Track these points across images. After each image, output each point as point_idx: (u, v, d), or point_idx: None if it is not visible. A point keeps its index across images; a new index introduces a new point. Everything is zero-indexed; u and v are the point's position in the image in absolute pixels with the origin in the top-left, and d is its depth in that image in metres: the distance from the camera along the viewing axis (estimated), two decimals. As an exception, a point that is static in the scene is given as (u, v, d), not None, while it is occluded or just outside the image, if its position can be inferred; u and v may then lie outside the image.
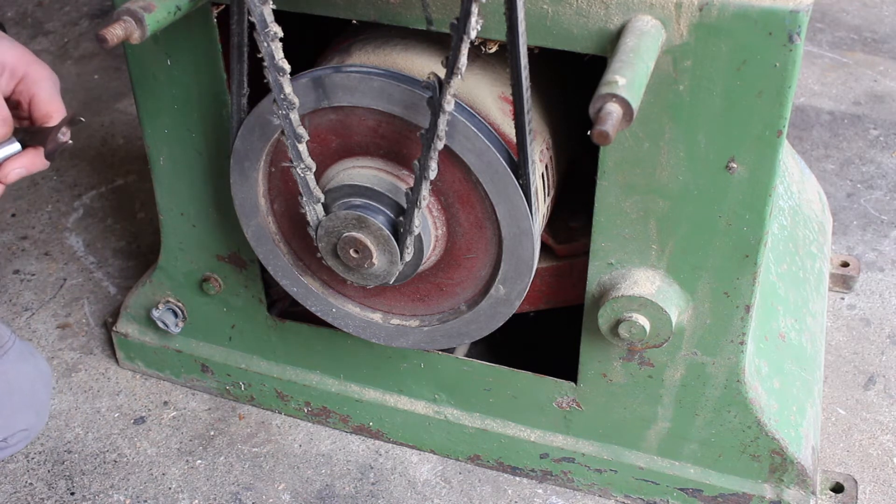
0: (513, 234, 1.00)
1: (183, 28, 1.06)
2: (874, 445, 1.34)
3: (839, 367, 1.46)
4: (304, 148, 0.99)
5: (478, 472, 1.32)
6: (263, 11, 0.89)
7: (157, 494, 1.30)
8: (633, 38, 0.84)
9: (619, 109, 0.75)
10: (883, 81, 2.14)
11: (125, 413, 1.41)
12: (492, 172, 0.96)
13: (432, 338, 1.13)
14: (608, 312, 1.05)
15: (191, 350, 1.40)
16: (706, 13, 0.85)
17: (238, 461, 1.34)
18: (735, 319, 1.06)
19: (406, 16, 0.95)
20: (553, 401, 1.22)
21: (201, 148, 1.17)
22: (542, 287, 1.17)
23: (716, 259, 1.01)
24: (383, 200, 1.00)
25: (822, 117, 2.03)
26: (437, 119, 0.90)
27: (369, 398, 1.32)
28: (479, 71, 1.02)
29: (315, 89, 0.98)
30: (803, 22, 0.83)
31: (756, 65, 0.87)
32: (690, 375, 1.12)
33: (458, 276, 1.08)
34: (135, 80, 1.15)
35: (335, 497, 1.29)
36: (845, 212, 1.76)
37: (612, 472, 1.24)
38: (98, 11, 2.49)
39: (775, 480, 1.17)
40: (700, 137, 0.93)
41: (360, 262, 1.03)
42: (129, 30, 0.89)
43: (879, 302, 1.58)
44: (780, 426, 1.15)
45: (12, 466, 1.33)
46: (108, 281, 1.65)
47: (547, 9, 0.89)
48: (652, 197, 0.99)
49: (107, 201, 1.84)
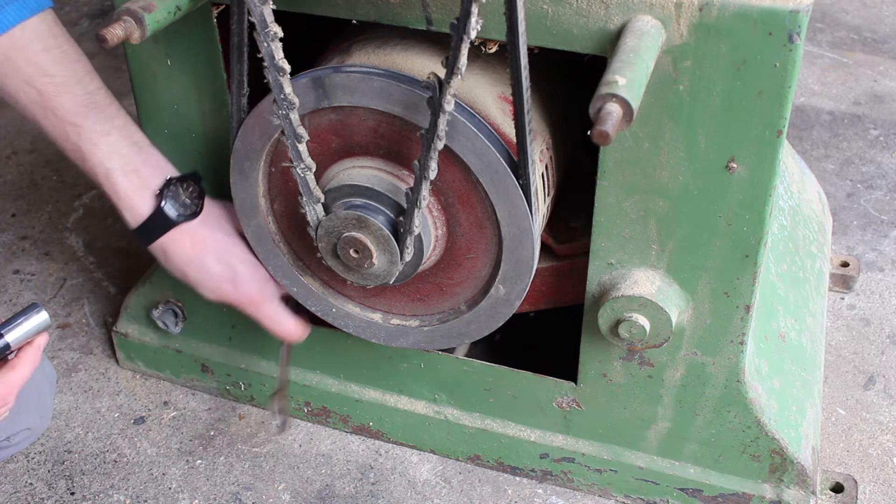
0: (513, 234, 1.00)
1: (183, 28, 1.06)
2: (874, 445, 1.34)
3: (839, 367, 1.46)
4: (304, 148, 0.99)
5: (478, 472, 1.31)
6: (263, 11, 0.89)
7: (157, 494, 1.30)
8: (633, 38, 0.84)
9: (619, 109, 0.75)
10: (883, 81, 2.14)
11: (125, 413, 1.41)
12: (492, 172, 0.96)
13: (432, 338, 1.13)
14: (608, 312, 1.05)
15: (191, 350, 1.40)
16: (706, 13, 0.85)
17: (238, 461, 1.34)
18: (735, 319, 1.06)
19: (406, 16, 0.95)
20: (553, 401, 1.22)
21: (201, 148, 1.17)
22: (542, 287, 1.17)
23: (716, 259, 1.01)
24: (383, 200, 1.00)
25: (822, 117, 2.03)
26: (437, 119, 0.90)
27: (369, 398, 1.32)
28: (479, 71, 1.02)
29: (315, 89, 0.98)
30: (803, 22, 0.83)
31: (756, 65, 0.87)
32: (690, 375, 1.12)
33: (458, 276, 1.08)
34: (135, 80, 1.15)
35: (335, 497, 1.29)
36: (845, 212, 1.76)
37: (612, 472, 1.24)
38: (98, 11, 2.49)
39: (775, 480, 1.17)
40: (700, 137, 0.93)
41: (360, 262, 1.03)
42: (129, 30, 0.89)
43: (879, 302, 1.58)
44: (780, 426, 1.15)
45: (12, 466, 1.33)
46: (108, 281, 1.65)
47: (547, 9, 0.89)
48: (652, 197, 0.99)
49: (107, 201, 1.83)
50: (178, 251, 1.15)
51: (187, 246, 1.15)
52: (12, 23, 1.00)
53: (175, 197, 1.13)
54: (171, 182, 1.13)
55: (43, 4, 1.03)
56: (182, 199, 1.13)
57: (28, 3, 1.01)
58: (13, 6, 1.00)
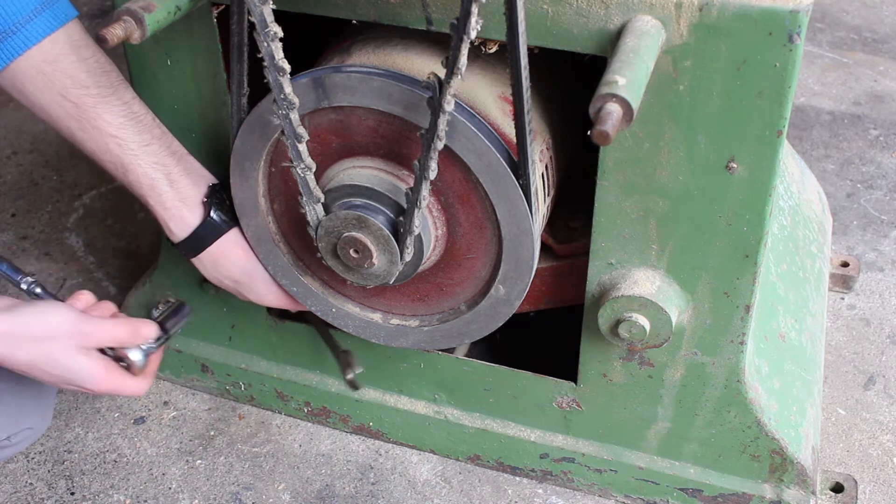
0: (513, 234, 1.00)
1: (183, 28, 1.06)
2: (874, 445, 1.34)
3: (839, 367, 1.46)
4: (304, 148, 0.99)
5: (478, 472, 1.32)
6: (263, 11, 0.89)
7: (157, 494, 1.30)
8: (633, 38, 0.84)
9: (619, 109, 0.75)
10: (883, 81, 2.14)
11: (125, 413, 1.41)
12: (492, 172, 0.96)
13: (432, 338, 1.13)
14: (608, 312, 1.05)
15: (191, 350, 1.40)
16: (706, 13, 0.85)
17: (238, 461, 1.34)
18: (735, 319, 1.06)
19: (406, 16, 0.95)
20: (553, 401, 1.22)
21: (201, 148, 1.17)
22: (542, 287, 1.17)
23: (716, 259, 1.01)
24: (383, 200, 1.00)
25: (822, 117, 2.03)
26: (437, 119, 0.90)
27: (369, 398, 1.32)
28: (479, 71, 1.02)
29: (315, 89, 0.98)
30: (803, 22, 0.83)
31: (756, 65, 0.87)
32: (690, 375, 1.12)
33: (458, 276, 1.08)
34: (135, 80, 1.15)
35: (335, 497, 1.29)
36: (845, 212, 1.76)
37: (612, 472, 1.24)
38: (98, 11, 2.49)
39: (775, 480, 1.17)
40: (700, 137, 0.93)
41: (360, 262, 1.03)
42: (129, 30, 0.89)
43: (879, 302, 1.58)
44: (780, 426, 1.15)
45: (12, 466, 1.33)
46: (107, 281, 1.65)
47: (547, 9, 0.89)
48: (652, 197, 0.99)
49: (107, 201, 1.84)
50: (232, 258, 1.14)
51: (240, 253, 1.14)
52: (43, 34, 0.97)
53: (221, 204, 1.11)
54: (215, 189, 1.12)
55: (70, 14, 1.00)
56: (227, 206, 1.12)
57: (57, 13, 0.98)
58: (42, 17, 0.97)
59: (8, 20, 0.95)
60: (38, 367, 0.96)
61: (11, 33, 0.96)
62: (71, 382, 0.99)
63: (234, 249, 1.14)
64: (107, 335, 1.00)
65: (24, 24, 0.96)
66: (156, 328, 1.07)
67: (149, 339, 1.05)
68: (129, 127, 1.04)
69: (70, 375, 0.98)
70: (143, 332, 1.04)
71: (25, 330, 0.95)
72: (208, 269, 1.15)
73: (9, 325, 0.95)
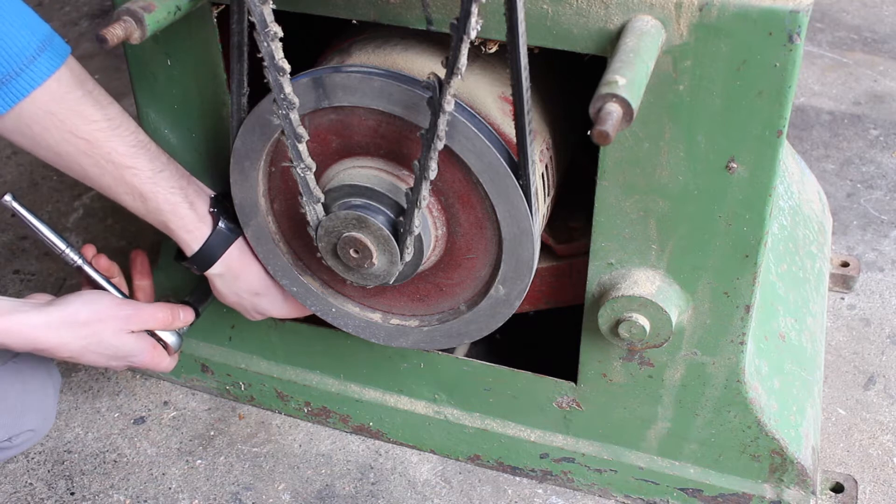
0: (513, 234, 1.00)
1: (183, 28, 1.06)
2: (874, 445, 1.34)
3: (839, 367, 1.46)
4: (304, 148, 0.99)
5: (478, 472, 1.31)
6: (263, 11, 0.89)
7: (157, 494, 1.30)
8: (633, 38, 0.84)
9: (619, 109, 0.75)
10: (883, 81, 2.14)
11: (125, 413, 1.41)
12: (492, 172, 0.96)
13: (432, 338, 1.13)
14: (608, 312, 1.05)
15: (191, 350, 1.40)
16: (706, 13, 0.85)
17: (238, 461, 1.34)
18: (735, 319, 1.06)
19: (406, 16, 0.95)
20: (553, 401, 1.22)
21: (201, 148, 1.17)
22: (542, 287, 1.17)
23: (716, 259, 1.01)
24: (383, 200, 1.00)
25: (822, 117, 2.03)
26: (437, 119, 0.90)
27: (369, 398, 1.32)
28: (479, 71, 1.02)
29: (315, 89, 0.98)
30: (803, 22, 0.83)
31: (756, 65, 0.87)
32: (690, 375, 1.12)
33: (457, 277, 1.08)
34: (135, 80, 1.15)
35: (335, 497, 1.29)
36: (845, 212, 1.76)
37: (612, 472, 1.24)
38: (98, 11, 2.49)
39: (775, 480, 1.17)
40: (700, 137, 0.93)
41: (360, 262, 1.03)
42: (129, 30, 0.89)
43: (879, 302, 1.58)
44: (780, 426, 1.15)
45: (12, 466, 1.33)
46: (108, 281, 1.65)
47: (547, 9, 0.89)
48: (652, 197, 0.99)
49: (107, 201, 1.83)
50: (252, 270, 1.15)
51: (259, 267, 1.16)
52: (47, 73, 0.95)
53: (226, 212, 1.12)
54: (217, 199, 1.12)
55: (66, 49, 0.98)
56: (231, 214, 1.12)
57: (57, 50, 0.96)
58: (44, 57, 0.95)
59: (11, 62, 0.93)
60: (89, 349, 1.05)
61: (15, 75, 0.94)
62: (121, 359, 1.09)
63: (253, 265, 1.15)
64: (151, 318, 1.11)
65: (28, 64, 0.94)
66: (192, 313, 1.18)
67: (188, 323, 1.17)
68: (141, 156, 1.04)
69: (120, 353, 1.08)
70: (182, 316, 1.16)
71: (75, 318, 1.04)
72: (228, 284, 1.15)
73: (60, 315, 1.03)
